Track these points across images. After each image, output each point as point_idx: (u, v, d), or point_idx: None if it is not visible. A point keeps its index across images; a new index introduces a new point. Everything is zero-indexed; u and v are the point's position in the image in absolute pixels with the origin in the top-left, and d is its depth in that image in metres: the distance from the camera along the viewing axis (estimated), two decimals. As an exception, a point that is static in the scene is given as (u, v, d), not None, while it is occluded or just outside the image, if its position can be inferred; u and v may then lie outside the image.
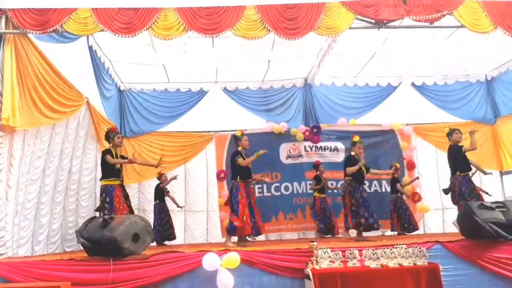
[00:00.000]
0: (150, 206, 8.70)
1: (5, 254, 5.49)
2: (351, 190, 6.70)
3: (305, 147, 9.32)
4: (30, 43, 5.94)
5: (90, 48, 7.11)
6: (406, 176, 9.21)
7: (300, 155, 9.33)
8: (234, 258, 4.84)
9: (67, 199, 7.07)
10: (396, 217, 8.45)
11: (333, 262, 4.72)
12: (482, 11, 6.18)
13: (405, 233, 8.30)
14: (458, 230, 5.94)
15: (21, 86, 5.74)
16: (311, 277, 4.50)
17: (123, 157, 6.34)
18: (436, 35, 7.29)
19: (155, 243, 7.79)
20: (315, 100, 9.60)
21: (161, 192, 8.48)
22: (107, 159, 5.95)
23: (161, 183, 8.47)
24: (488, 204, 5.41)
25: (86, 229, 5.11)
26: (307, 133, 9.26)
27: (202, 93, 9.45)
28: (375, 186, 9.34)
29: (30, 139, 6.03)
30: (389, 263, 4.74)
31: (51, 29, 5.79)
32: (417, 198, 9.04)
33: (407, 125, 9.49)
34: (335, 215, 8.49)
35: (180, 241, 8.98)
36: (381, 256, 4.77)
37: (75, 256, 5.22)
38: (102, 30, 5.84)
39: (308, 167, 9.17)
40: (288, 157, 9.33)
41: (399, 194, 8.52)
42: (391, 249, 4.82)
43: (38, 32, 5.80)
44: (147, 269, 4.81)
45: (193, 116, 9.45)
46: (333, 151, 9.35)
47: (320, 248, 4.80)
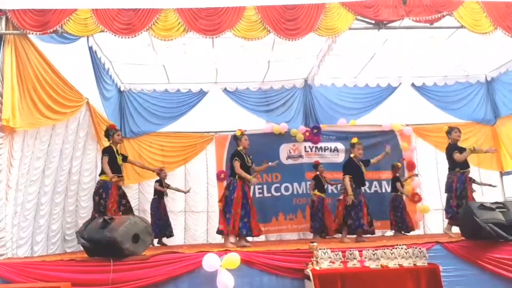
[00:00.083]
0: (150, 206, 8.70)
1: (5, 254, 5.49)
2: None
3: (305, 147, 9.33)
4: (30, 44, 5.94)
5: (90, 48, 7.11)
6: (406, 176, 9.21)
7: (300, 156, 9.34)
8: (234, 258, 4.84)
9: (66, 200, 7.07)
10: (393, 216, 8.46)
11: (333, 263, 4.72)
12: (482, 11, 6.19)
13: (402, 232, 8.29)
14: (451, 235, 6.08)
15: (21, 87, 5.74)
16: (311, 277, 4.50)
17: (124, 157, 6.49)
18: (436, 35, 7.28)
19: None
20: (315, 101, 9.60)
21: (160, 186, 8.47)
22: (103, 161, 6.13)
23: (161, 178, 8.48)
24: (488, 204, 5.41)
25: (86, 229, 5.11)
26: (307, 133, 9.26)
27: (202, 93, 9.45)
28: (375, 186, 9.35)
29: (29, 140, 6.03)
30: (389, 264, 4.74)
31: (51, 30, 5.79)
32: (417, 198, 9.04)
33: (407, 125, 9.51)
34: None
35: (180, 241, 8.98)
36: (381, 257, 4.77)
37: (75, 257, 5.23)
38: (102, 31, 5.84)
39: (308, 167, 9.18)
40: (288, 157, 9.34)
41: (398, 193, 8.52)
42: (391, 250, 4.82)
43: (38, 33, 5.81)
44: (147, 269, 4.81)
45: (193, 116, 9.45)
46: (333, 151, 9.36)
47: (320, 249, 4.81)
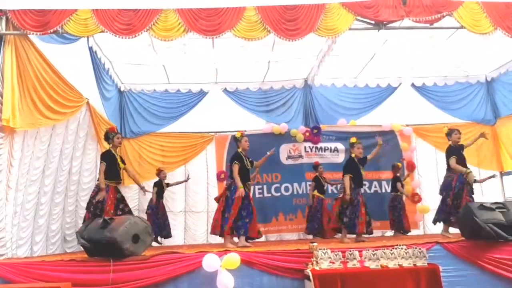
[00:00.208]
0: (150, 206, 8.70)
1: (5, 255, 5.49)
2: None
3: (305, 147, 9.33)
4: (30, 44, 5.94)
5: (90, 49, 7.11)
6: (405, 175, 9.20)
7: (300, 156, 9.34)
8: (234, 259, 4.84)
9: (66, 200, 7.06)
10: (392, 215, 8.46)
11: (333, 263, 4.72)
12: (481, 12, 6.18)
13: (401, 232, 8.29)
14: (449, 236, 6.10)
15: (21, 87, 5.74)
16: (311, 278, 4.50)
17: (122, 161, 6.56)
18: (436, 36, 7.28)
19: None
20: (315, 101, 9.60)
21: (160, 187, 8.48)
22: (100, 169, 6.18)
23: (161, 179, 8.49)
24: (488, 204, 5.41)
25: (87, 230, 5.12)
26: (307, 133, 9.26)
27: (202, 93, 9.45)
28: (375, 186, 9.35)
29: (29, 140, 6.03)
30: (389, 264, 4.74)
31: (52, 30, 5.80)
32: (417, 198, 9.04)
33: (407, 126, 9.50)
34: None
35: (180, 241, 8.98)
36: (381, 257, 4.77)
37: (75, 257, 5.24)
38: (103, 31, 5.84)
39: (308, 168, 9.17)
40: (288, 158, 9.34)
41: (398, 193, 8.52)
42: (391, 250, 4.83)
43: (39, 33, 5.81)
44: (147, 270, 4.81)
45: (193, 117, 9.45)
46: (333, 151, 9.36)
47: (320, 249, 4.81)
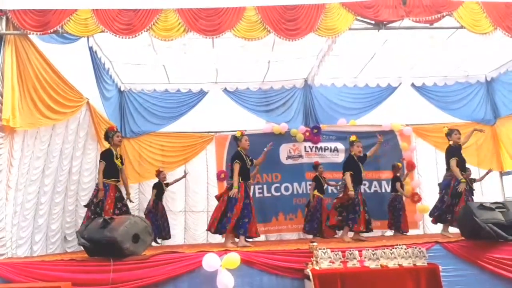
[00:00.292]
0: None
1: (5, 254, 5.49)
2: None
3: (305, 147, 9.33)
4: (30, 44, 5.94)
5: (91, 49, 7.11)
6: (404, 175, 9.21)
7: (300, 156, 9.34)
8: (234, 258, 4.85)
9: (66, 200, 7.07)
10: (391, 215, 8.47)
11: (333, 263, 4.73)
12: (481, 12, 6.19)
13: (401, 232, 8.30)
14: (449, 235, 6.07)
15: (21, 86, 5.74)
16: (311, 277, 4.51)
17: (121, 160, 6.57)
18: (436, 36, 7.28)
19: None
20: (315, 101, 9.60)
21: (159, 189, 8.48)
22: (99, 168, 6.21)
23: (160, 180, 8.50)
24: (487, 204, 5.42)
25: (87, 229, 5.12)
26: (307, 133, 9.27)
27: (202, 93, 9.45)
28: (375, 186, 9.35)
29: (29, 140, 6.03)
30: (389, 264, 4.75)
31: (52, 30, 5.80)
32: (417, 198, 9.04)
33: (407, 125, 9.50)
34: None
35: (180, 241, 8.99)
36: (381, 257, 4.78)
37: (75, 257, 5.24)
38: (103, 31, 5.85)
39: (308, 167, 9.17)
40: (288, 157, 9.34)
41: (398, 193, 8.52)
42: (391, 250, 4.83)
43: (39, 33, 5.81)
44: (147, 269, 4.82)
45: (193, 116, 9.45)
46: (333, 151, 9.36)
47: (320, 249, 4.82)
